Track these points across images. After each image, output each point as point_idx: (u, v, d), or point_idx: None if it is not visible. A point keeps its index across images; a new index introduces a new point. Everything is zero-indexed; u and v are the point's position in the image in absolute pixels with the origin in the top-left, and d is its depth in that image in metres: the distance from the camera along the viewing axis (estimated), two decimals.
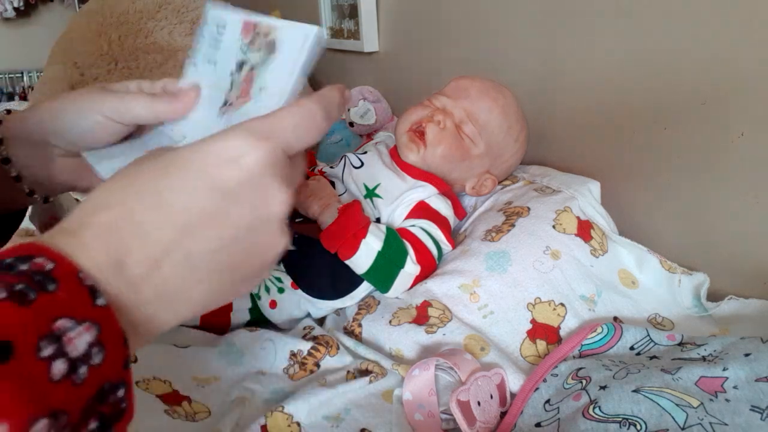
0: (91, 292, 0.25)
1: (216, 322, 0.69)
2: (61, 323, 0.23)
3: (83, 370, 0.23)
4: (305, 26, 0.40)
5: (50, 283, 0.23)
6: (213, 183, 0.29)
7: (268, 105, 0.39)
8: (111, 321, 0.25)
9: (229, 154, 0.30)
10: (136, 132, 0.46)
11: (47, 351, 0.22)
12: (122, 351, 0.25)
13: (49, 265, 0.24)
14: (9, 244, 0.27)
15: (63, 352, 0.22)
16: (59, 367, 0.22)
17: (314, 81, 1.48)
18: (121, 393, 0.25)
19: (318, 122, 0.34)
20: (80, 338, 0.23)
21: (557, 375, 0.53)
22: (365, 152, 0.79)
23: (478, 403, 0.51)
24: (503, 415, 0.53)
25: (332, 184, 0.73)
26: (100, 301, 0.25)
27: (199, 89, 0.43)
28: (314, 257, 0.68)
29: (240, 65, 0.42)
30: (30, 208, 0.60)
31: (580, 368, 0.52)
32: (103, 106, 0.43)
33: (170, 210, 0.28)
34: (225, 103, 0.43)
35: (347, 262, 0.66)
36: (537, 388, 0.53)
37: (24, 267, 0.24)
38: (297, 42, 0.40)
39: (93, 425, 0.24)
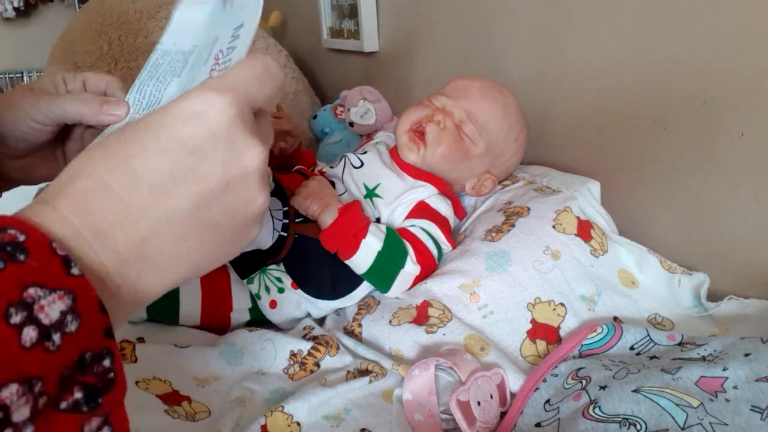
0: (64, 262, 0.25)
1: (216, 322, 0.69)
2: (32, 291, 0.23)
3: (57, 337, 0.23)
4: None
5: (21, 253, 0.24)
6: (179, 141, 0.29)
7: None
8: (86, 290, 0.25)
9: (191, 110, 0.30)
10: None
11: (17, 318, 0.22)
12: (101, 319, 0.25)
13: (21, 237, 0.24)
14: None
15: (33, 319, 0.22)
16: (30, 333, 0.22)
17: (314, 81, 1.48)
18: (107, 363, 0.25)
19: (274, 72, 0.34)
20: (52, 306, 0.23)
21: (557, 375, 0.53)
22: (365, 152, 0.79)
23: (478, 403, 0.51)
24: (503, 415, 0.53)
25: (332, 184, 0.73)
26: (74, 271, 0.25)
27: (128, 107, 0.46)
28: (314, 257, 0.68)
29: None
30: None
31: (580, 368, 0.52)
32: (33, 112, 0.45)
33: (140, 173, 0.28)
34: None
35: (347, 262, 0.66)
36: (537, 388, 0.53)
37: None
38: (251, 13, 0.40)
39: (78, 395, 0.24)
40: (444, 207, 0.73)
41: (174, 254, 0.30)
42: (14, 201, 0.54)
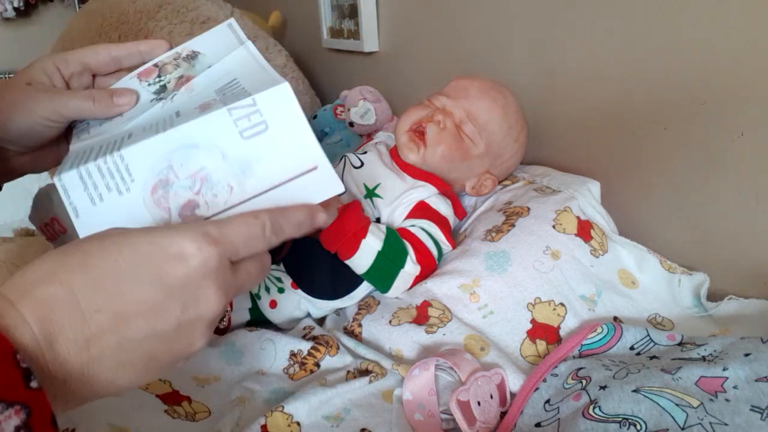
0: (24, 375, 0.25)
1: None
2: None
3: None
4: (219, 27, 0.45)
5: None
6: (156, 276, 0.30)
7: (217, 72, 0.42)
8: (42, 403, 0.25)
9: (178, 251, 0.31)
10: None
11: None
12: None
13: None
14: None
15: None
16: None
17: (314, 81, 1.48)
18: None
19: (267, 237, 0.36)
20: (8, 422, 0.24)
21: (557, 375, 0.53)
22: (365, 152, 0.79)
23: (478, 403, 0.51)
24: (503, 415, 0.53)
25: None
26: (33, 384, 0.25)
27: (134, 94, 0.46)
28: (314, 257, 0.68)
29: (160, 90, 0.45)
30: (30, 210, 0.60)
31: (580, 368, 0.52)
32: (37, 110, 0.45)
33: (110, 295, 0.29)
34: (159, 98, 0.45)
35: (347, 262, 0.66)
36: (537, 388, 0.53)
37: None
38: (220, 34, 0.43)
39: None
40: (444, 207, 0.73)
41: (109, 377, 0.30)
42: (12, 201, 0.55)
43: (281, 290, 0.69)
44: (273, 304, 0.69)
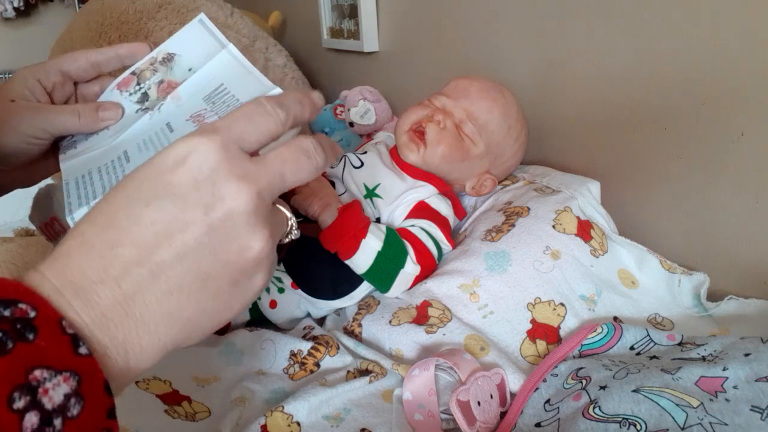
0: (72, 341, 0.24)
1: None
2: (38, 373, 0.22)
3: (58, 422, 0.22)
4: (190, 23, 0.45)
5: (30, 331, 0.23)
6: (161, 190, 0.28)
7: (205, 73, 0.43)
8: (93, 370, 0.24)
9: (173, 159, 0.29)
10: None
11: (20, 403, 0.21)
12: (105, 400, 0.25)
13: (32, 313, 0.24)
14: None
15: (37, 404, 0.22)
16: (31, 419, 0.22)
17: (314, 81, 1.48)
18: None
19: (271, 110, 0.32)
20: (57, 389, 0.23)
21: (557, 375, 0.53)
22: (365, 152, 0.79)
23: (478, 403, 0.51)
24: (503, 415, 0.53)
25: (332, 184, 0.73)
26: (81, 350, 0.24)
27: (119, 107, 0.47)
28: (314, 257, 0.68)
29: (142, 99, 0.46)
30: (30, 210, 0.60)
31: (580, 368, 0.52)
32: (22, 128, 0.45)
33: (123, 227, 0.28)
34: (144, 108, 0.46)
35: (347, 262, 0.66)
36: (537, 388, 0.53)
37: (6, 313, 0.23)
38: (193, 32, 0.44)
39: None
40: (444, 207, 0.73)
41: (163, 311, 0.28)
42: (12, 201, 0.55)
43: (281, 290, 0.69)
44: (273, 304, 0.69)
